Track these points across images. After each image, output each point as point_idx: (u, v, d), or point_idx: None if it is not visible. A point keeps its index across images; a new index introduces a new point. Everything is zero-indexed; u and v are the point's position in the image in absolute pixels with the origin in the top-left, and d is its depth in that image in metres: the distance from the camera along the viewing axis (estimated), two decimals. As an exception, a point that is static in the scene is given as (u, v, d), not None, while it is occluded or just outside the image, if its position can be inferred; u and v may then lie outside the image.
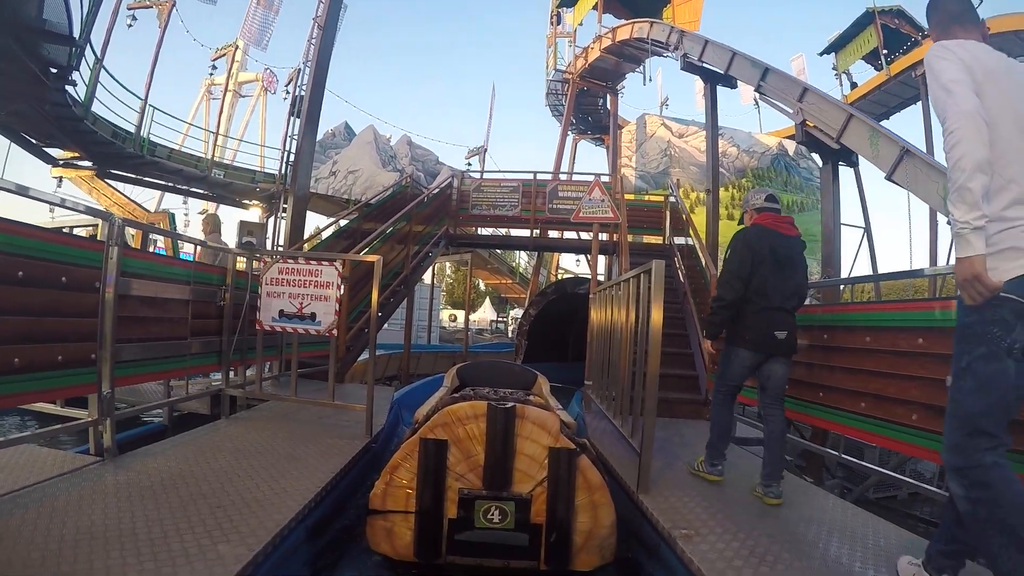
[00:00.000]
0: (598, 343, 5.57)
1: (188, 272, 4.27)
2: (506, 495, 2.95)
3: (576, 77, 22.22)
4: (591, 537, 2.96)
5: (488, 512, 2.93)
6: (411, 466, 3.00)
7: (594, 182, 6.73)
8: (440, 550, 2.97)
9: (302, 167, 8.98)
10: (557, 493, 2.95)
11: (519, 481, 2.97)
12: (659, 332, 3.18)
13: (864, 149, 10.45)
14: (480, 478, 2.97)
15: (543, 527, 2.94)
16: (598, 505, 2.98)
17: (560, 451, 2.96)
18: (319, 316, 4.25)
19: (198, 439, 3.99)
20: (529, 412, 3.02)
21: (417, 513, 2.97)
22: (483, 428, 2.98)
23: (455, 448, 3.00)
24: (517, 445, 2.98)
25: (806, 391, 4.30)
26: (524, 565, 2.98)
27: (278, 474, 3.31)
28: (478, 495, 2.95)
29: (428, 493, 2.96)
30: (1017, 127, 1.95)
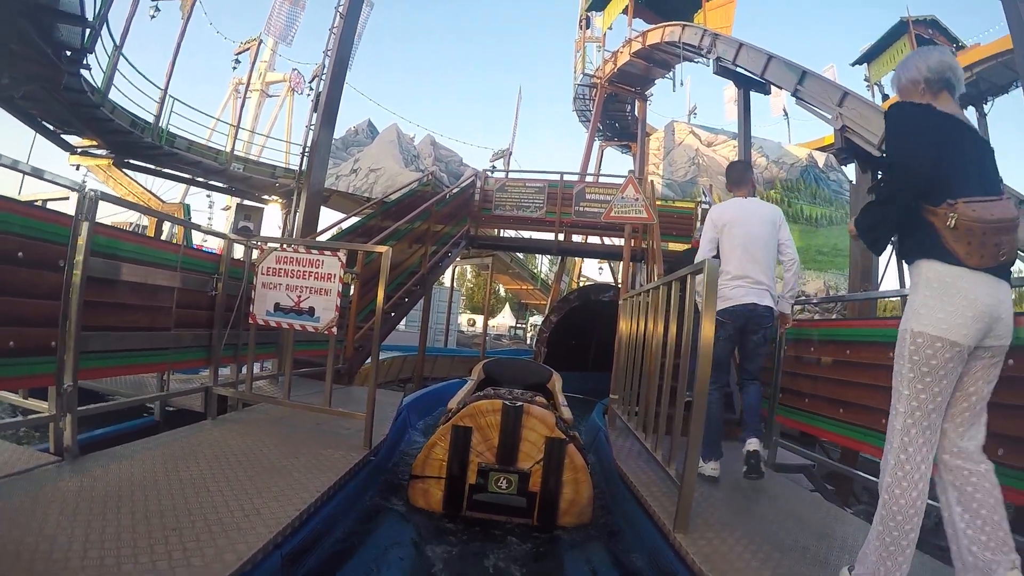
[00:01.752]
0: (626, 354, 5.07)
1: (176, 257, 3.84)
2: (512, 469, 3.87)
3: (604, 82, 21.80)
4: (573, 504, 3.87)
5: (498, 480, 3.87)
6: (444, 445, 3.92)
7: (628, 179, 6.23)
8: (462, 506, 3.88)
9: (318, 160, 8.59)
10: (549, 470, 3.85)
11: (522, 459, 3.89)
12: (711, 346, 2.68)
13: None
14: (494, 455, 3.90)
15: (538, 494, 3.85)
16: (580, 482, 3.88)
17: (554, 440, 3.88)
18: (318, 311, 3.80)
19: (175, 442, 3.54)
20: (533, 410, 3.96)
21: (447, 478, 3.89)
22: (499, 420, 3.91)
23: (477, 433, 3.92)
24: (522, 433, 3.90)
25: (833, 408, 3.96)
26: (521, 521, 3.88)
27: (255, 490, 2.84)
28: (492, 468, 3.88)
29: (456, 464, 3.89)
30: (738, 244, 3.84)
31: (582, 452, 4.09)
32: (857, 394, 3.66)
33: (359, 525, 3.53)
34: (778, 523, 3.22)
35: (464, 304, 46.31)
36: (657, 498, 3.31)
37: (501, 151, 28.15)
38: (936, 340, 1.98)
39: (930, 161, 2.00)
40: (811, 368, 4.21)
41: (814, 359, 4.18)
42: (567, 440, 3.90)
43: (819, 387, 4.07)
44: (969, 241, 1.92)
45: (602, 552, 3.69)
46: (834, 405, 3.89)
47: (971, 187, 1.98)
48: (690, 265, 3.02)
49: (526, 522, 3.87)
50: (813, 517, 3.41)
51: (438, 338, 21.06)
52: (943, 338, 1.97)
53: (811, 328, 4.41)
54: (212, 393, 4.17)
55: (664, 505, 3.17)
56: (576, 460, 3.87)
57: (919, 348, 2.01)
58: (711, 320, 2.67)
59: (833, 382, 3.94)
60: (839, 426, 3.85)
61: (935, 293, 2.00)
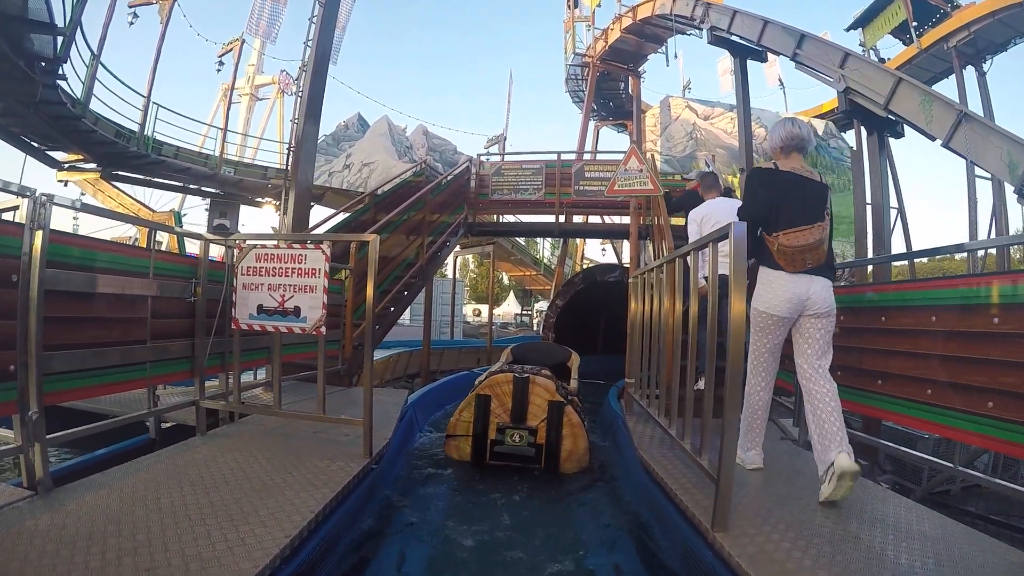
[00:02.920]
0: (640, 334, 4.76)
1: (147, 263, 3.53)
2: (523, 426, 4.74)
3: (596, 60, 21.37)
4: (572, 454, 4.75)
5: (513, 435, 4.73)
6: (471, 410, 4.83)
7: (630, 150, 5.88)
8: (485, 456, 4.78)
9: (305, 155, 8.23)
10: (552, 426, 4.71)
11: (530, 418, 4.77)
12: (743, 319, 2.36)
13: (916, 116, 9.54)
14: (509, 416, 4.79)
15: (543, 445, 4.70)
16: (576, 435, 4.75)
17: (554, 402, 4.75)
18: (304, 310, 3.49)
19: (158, 464, 3.25)
20: (537, 380, 4.87)
21: (473, 436, 4.80)
22: (511, 388, 4.82)
23: (495, 400, 4.83)
24: (530, 398, 4.79)
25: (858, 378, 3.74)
26: (531, 467, 4.77)
27: (241, 515, 2.55)
28: (508, 426, 4.76)
29: (480, 424, 4.78)
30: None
31: (578, 412, 4.96)
32: (897, 364, 3.35)
33: (362, 544, 3.24)
34: (823, 509, 2.91)
35: (468, 294, 46.04)
36: (688, 491, 3.01)
37: (495, 137, 27.69)
38: (763, 313, 3.14)
39: (765, 208, 3.07)
40: (843, 338, 3.87)
41: (848, 328, 3.83)
42: (565, 402, 4.80)
43: (851, 358, 3.74)
44: (785, 258, 3.01)
45: (594, 489, 4.58)
46: (870, 376, 3.57)
47: (793, 221, 2.99)
48: (712, 232, 2.69)
49: (535, 467, 4.80)
50: (858, 499, 3.10)
51: (443, 330, 20.79)
52: (767, 312, 3.12)
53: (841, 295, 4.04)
54: (200, 407, 3.88)
55: (697, 499, 2.86)
56: (572, 418, 4.78)
57: (755, 317, 3.17)
58: (741, 289, 2.35)
59: (868, 351, 3.61)
60: (873, 398, 3.53)
61: (765, 286, 3.13)
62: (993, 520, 6.25)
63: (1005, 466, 6.76)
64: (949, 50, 14.60)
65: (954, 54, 14.44)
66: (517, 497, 4.20)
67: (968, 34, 14.17)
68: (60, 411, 4.08)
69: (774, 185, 3.10)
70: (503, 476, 4.67)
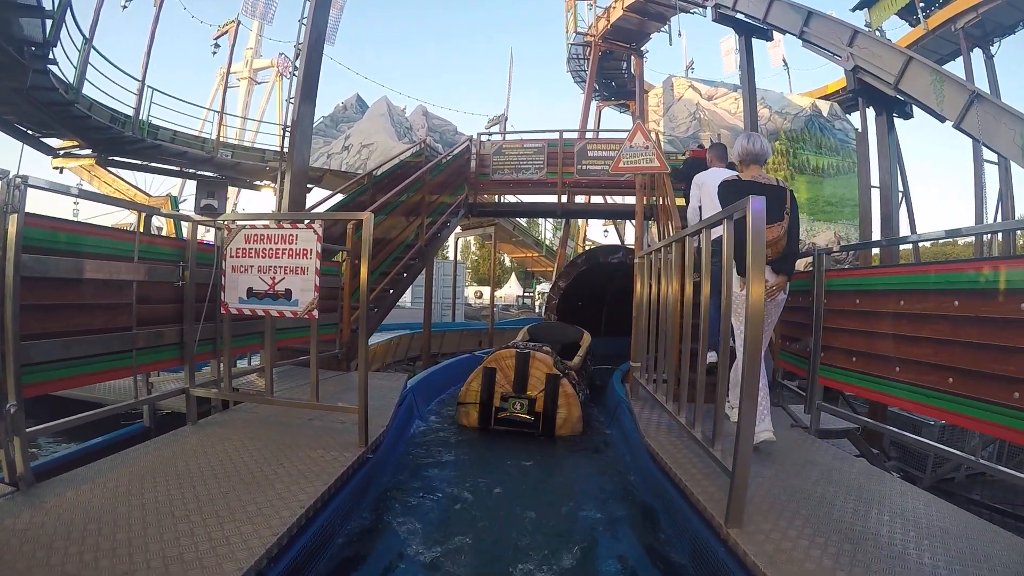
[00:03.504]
0: (647, 317, 4.61)
1: (131, 246, 3.36)
2: (524, 396, 5.34)
3: (598, 39, 20.94)
4: (567, 421, 5.35)
5: (515, 404, 5.34)
6: (479, 381, 5.47)
7: (636, 126, 5.67)
8: (491, 422, 5.38)
9: (301, 135, 8.02)
10: (548, 396, 5.32)
11: (530, 389, 5.37)
12: (761, 302, 2.19)
13: (927, 95, 9.31)
14: (511, 386, 5.40)
15: (541, 413, 5.30)
16: (570, 405, 5.36)
17: (551, 375, 5.37)
18: (295, 293, 3.33)
19: (146, 456, 3.11)
20: (536, 355, 5.48)
21: (480, 404, 5.43)
22: (514, 362, 5.45)
23: (500, 372, 5.48)
24: (530, 371, 5.41)
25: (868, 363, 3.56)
26: (530, 432, 5.31)
27: (228, 511, 2.42)
28: (510, 395, 5.37)
29: (486, 394, 5.43)
30: (708, 193, 4.54)
31: (573, 385, 5.54)
32: (919, 350, 3.17)
33: (356, 540, 3.08)
34: (839, 502, 2.78)
35: (470, 277, 45.85)
36: (699, 483, 2.86)
37: (496, 117, 27.34)
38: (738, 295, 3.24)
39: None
40: (858, 322, 3.71)
41: (863, 312, 3.67)
42: (561, 375, 5.43)
43: (872, 344, 3.56)
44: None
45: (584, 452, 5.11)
46: (889, 363, 3.39)
47: None
48: (727, 208, 2.51)
49: (533, 432, 5.36)
50: (875, 491, 2.98)
51: (445, 313, 20.66)
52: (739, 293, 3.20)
53: (856, 277, 3.88)
54: (190, 395, 3.74)
55: (709, 492, 2.72)
56: (567, 389, 5.40)
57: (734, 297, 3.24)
58: (759, 270, 2.18)
59: (888, 337, 3.43)
60: (897, 387, 3.36)
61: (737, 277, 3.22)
62: (998, 509, 6.18)
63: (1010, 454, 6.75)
64: (956, 32, 14.22)
65: (961, 36, 14.07)
66: (516, 489, 4.05)
67: (976, 16, 13.82)
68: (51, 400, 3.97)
69: (738, 190, 3.40)
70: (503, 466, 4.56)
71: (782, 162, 17.29)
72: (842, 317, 3.88)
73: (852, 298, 3.77)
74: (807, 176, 18.01)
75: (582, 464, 4.76)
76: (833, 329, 3.96)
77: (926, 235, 4.46)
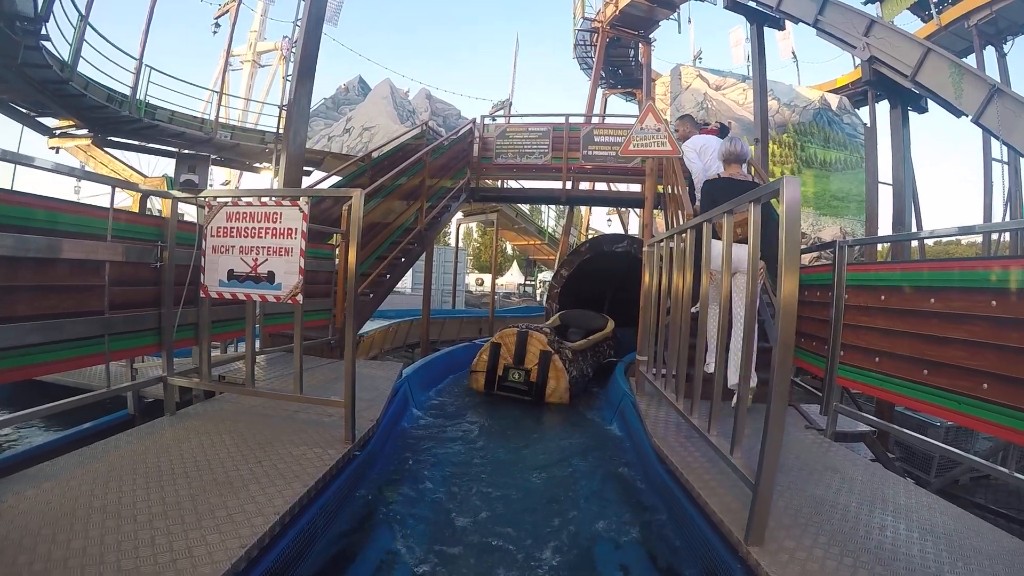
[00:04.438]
0: (656, 308, 4.36)
1: (104, 223, 3.12)
2: (521, 368, 6.33)
3: (606, 26, 20.52)
4: (555, 390, 6.23)
5: (513, 374, 6.35)
6: (487, 353, 6.50)
7: (647, 107, 5.40)
8: (495, 388, 6.39)
9: (298, 114, 7.75)
10: (541, 369, 6.24)
11: (527, 362, 6.35)
12: (795, 298, 1.94)
13: (945, 88, 9.03)
14: (512, 359, 6.40)
15: (535, 383, 6.21)
16: (559, 377, 6.25)
17: (544, 351, 6.30)
18: (279, 276, 3.08)
19: (117, 450, 2.88)
20: (533, 335, 6.46)
21: (486, 372, 6.45)
22: (515, 339, 6.44)
23: (504, 347, 6.48)
24: (527, 347, 6.39)
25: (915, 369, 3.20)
26: (526, 398, 6.21)
27: (195, 517, 2.19)
28: (511, 366, 6.38)
29: (492, 364, 6.44)
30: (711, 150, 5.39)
31: (564, 361, 6.41)
32: (949, 353, 2.92)
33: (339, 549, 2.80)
34: (864, 516, 2.55)
35: (471, 264, 45.60)
36: (714, 492, 2.63)
37: (501, 102, 26.91)
38: (715, 270, 3.49)
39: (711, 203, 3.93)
40: (884, 319, 3.45)
41: (889, 309, 3.41)
42: (553, 352, 6.35)
43: (898, 344, 3.30)
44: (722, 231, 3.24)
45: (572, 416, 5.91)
46: (917, 365, 3.14)
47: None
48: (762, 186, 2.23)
49: (528, 399, 6.24)
50: (901, 503, 2.75)
51: (445, 300, 20.44)
52: (714, 268, 3.49)
53: (882, 271, 3.60)
54: (168, 385, 3.50)
55: (726, 503, 2.49)
56: (557, 364, 6.31)
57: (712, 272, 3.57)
58: (794, 260, 1.93)
59: (917, 338, 3.17)
60: (923, 391, 3.11)
61: (712, 251, 3.42)
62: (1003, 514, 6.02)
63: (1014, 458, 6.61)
64: (969, 29, 13.91)
65: (974, 33, 13.76)
66: (502, 494, 3.80)
67: (990, 13, 13.51)
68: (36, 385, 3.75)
69: (718, 187, 4.25)
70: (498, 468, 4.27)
71: (789, 155, 17.04)
72: (865, 314, 3.62)
73: (877, 294, 3.51)
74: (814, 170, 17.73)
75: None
76: (854, 327, 3.71)
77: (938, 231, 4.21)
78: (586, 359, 7.40)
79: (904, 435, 3.80)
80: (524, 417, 5.69)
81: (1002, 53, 14.63)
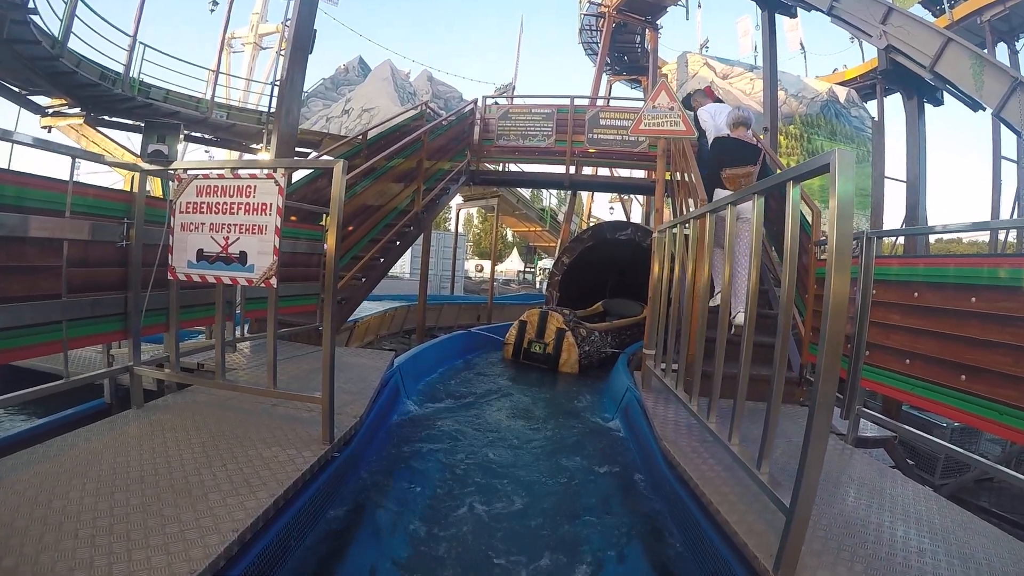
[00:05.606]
0: (665, 298, 4.07)
1: (62, 197, 2.81)
2: (542, 342, 7.71)
3: (612, 11, 20.06)
4: (567, 361, 7.54)
5: (535, 346, 7.75)
6: (516, 328, 8.02)
7: (660, 85, 5.08)
8: (520, 357, 7.84)
9: (291, 89, 7.41)
10: (557, 343, 7.60)
11: (547, 337, 7.72)
12: (844, 299, 1.65)
13: (964, 80, 8.72)
14: (535, 333, 7.81)
15: (551, 355, 7.58)
16: (570, 351, 7.53)
17: (560, 329, 7.64)
18: (251, 257, 2.77)
19: (73, 448, 2.59)
20: (552, 315, 7.84)
21: (515, 344, 7.93)
22: (537, 318, 7.88)
23: (529, 324, 7.93)
24: (547, 325, 7.79)
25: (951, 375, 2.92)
26: (544, 367, 7.55)
27: (141, 535, 1.90)
28: (534, 340, 7.80)
29: (519, 337, 7.92)
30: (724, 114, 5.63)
31: (576, 338, 7.65)
32: (991, 358, 2.63)
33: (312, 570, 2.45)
34: (901, 537, 2.27)
35: (471, 250, 45.27)
36: (735, 508, 2.33)
37: (504, 86, 26.40)
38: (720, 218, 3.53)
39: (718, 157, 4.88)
40: (917, 319, 3.14)
41: (923, 308, 3.10)
42: (567, 330, 7.62)
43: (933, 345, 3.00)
44: (729, 183, 4.74)
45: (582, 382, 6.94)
46: (954, 370, 2.85)
47: (734, 163, 4.76)
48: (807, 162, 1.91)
49: (546, 367, 7.52)
50: (936, 522, 2.48)
51: (444, 285, 20.15)
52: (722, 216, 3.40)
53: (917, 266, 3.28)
54: (134, 375, 3.21)
55: (748, 522, 2.20)
56: (569, 339, 7.57)
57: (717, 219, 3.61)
58: (845, 258, 1.63)
59: (952, 339, 2.88)
60: (961, 398, 2.81)
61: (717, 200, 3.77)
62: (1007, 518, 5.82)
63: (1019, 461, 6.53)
64: (982, 25, 13.53)
65: (987, 29, 13.38)
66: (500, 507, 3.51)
67: (1003, 9, 13.14)
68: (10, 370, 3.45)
69: (726, 144, 4.93)
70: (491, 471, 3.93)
71: (795, 147, 16.77)
72: (895, 312, 3.32)
73: (909, 290, 3.21)
74: (819, 163, 17.39)
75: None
76: (882, 325, 3.41)
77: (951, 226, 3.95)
78: (605, 339, 8.48)
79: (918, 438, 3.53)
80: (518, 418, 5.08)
81: (1014, 50, 14.27)
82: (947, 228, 4.85)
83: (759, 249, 2.41)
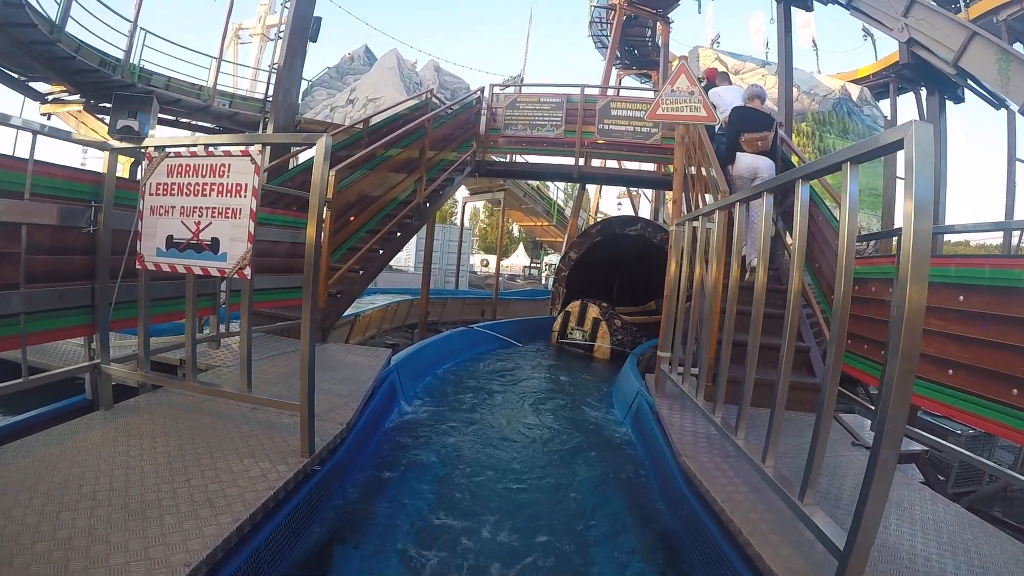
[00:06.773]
0: (683, 297, 3.78)
1: (21, 178, 2.54)
2: (581, 329, 9.19)
3: (623, 3, 19.72)
4: (599, 348, 8.88)
5: (575, 332, 9.23)
6: (561, 317, 9.53)
7: (679, 67, 4.75)
8: (563, 339, 9.36)
9: (289, 75, 7.15)
10: (593, 331, 9.03)
11: (585, 325, 9.15)
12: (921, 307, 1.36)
13: (990, 75, 8.41)
14: (576, 321, 9.29)
15: (588, 340, 9.04)
16: (604, 339, 8.87)
17: (596, 319, 9.06)
18: (224, 244, 2.49)
19: (29, 455, 2.31)
20: (591, 306, 9.23)
21: (559, 330, 9.44)
22: (579, 308, 9.36)
23: (572, 314, 9.41)
24: (587, 315, 9.19)
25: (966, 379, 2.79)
26: (582, 352, 8.95)
27: (82, 566, 1.62)
28: (575, 327, 9.28)
29: (563, 325, 9.43)
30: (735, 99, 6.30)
31: (610, 327, 8.85)
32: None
33: None
34: (951, 570, 1.98)
35: (477, 245, 45.00)
36: (769, 542, 2.01)
37: (512, 78, 26.08)
38: (736, 176, 5.52)
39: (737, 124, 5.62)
40: (962, 325, 2.83)
41: (970, 313, 2.78)
42: (602, 320, 8.86)
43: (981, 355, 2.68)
44: (746, 145, 5.50)
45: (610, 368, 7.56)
46: (1006, 383, 2.52)
47: (752, 129, 5.52)
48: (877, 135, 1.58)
49: (583, 352, 8.79)
50: (985, 552, 2.20)
51: (449, 280, 19.88)
52: (738, 175, 5.53)
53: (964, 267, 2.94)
54: (102, 372, 2.94)
55: (784, 557, 1.89)
56: (603, 329, 8.82)
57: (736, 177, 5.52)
58: (924, 250, 1.34)
59: (1002, 348, 2.57)
60: (1012, 414, 2.50)
61: (738, 161, 5.52)
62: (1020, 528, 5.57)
63: None
64: (999, 24, 13.14)
65: (1003, 28, 12.99)
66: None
67: (1020, 8, 12.77)
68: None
69: (744, 113, 5.61)
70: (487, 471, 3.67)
71: (807, 144, 16.47)
72: (935, 316, 3.01)
73: (954, 294, 2.90)
74: (831, 162, 17.09)
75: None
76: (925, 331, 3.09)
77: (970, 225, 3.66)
78: (632, 331, 9.25)
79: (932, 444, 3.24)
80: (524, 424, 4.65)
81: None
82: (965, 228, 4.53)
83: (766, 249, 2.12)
